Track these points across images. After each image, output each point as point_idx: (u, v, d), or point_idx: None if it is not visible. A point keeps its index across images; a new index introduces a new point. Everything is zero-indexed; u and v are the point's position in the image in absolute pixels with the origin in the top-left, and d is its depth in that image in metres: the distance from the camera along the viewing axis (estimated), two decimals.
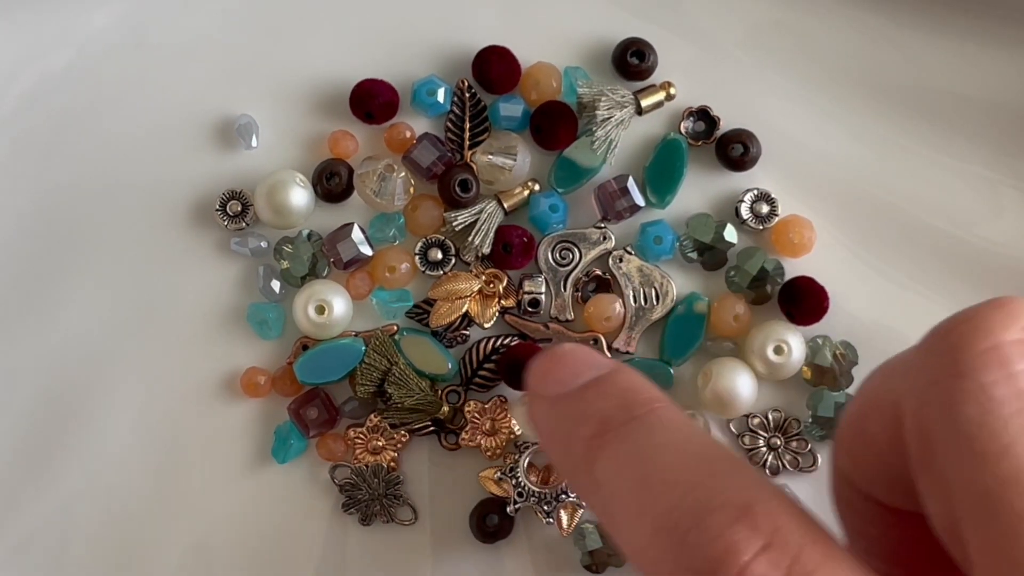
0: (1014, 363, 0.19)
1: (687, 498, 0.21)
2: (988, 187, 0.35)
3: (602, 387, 0.25)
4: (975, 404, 0.19)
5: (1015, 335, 0.19)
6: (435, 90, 0.35)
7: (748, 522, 0.20)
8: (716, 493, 0.21)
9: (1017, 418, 0.19)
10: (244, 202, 0.35)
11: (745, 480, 0.21)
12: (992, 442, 0.18)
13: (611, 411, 0.24)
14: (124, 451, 0.35)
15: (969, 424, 0.19)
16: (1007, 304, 0.20)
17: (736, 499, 0.20)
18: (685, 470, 0.22)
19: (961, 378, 0.19)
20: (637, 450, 0.23)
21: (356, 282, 0.35)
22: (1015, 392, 0.19)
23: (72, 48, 0.35)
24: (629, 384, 0.24)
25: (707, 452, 0.22)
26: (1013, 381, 0.19)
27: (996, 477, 0.18)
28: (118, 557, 0.35)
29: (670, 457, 0.22)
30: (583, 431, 0.24)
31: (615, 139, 0.34)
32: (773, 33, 0.36)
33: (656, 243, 0.34)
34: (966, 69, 0.35)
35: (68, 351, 0.35)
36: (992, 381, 0.19)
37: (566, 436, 0.25)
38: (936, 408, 0.19)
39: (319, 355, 0.34)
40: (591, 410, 0.24)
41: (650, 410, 0.24)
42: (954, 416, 0.19)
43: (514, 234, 0.34)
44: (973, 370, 0.19)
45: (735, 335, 0.35)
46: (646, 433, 0.23)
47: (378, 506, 0.35)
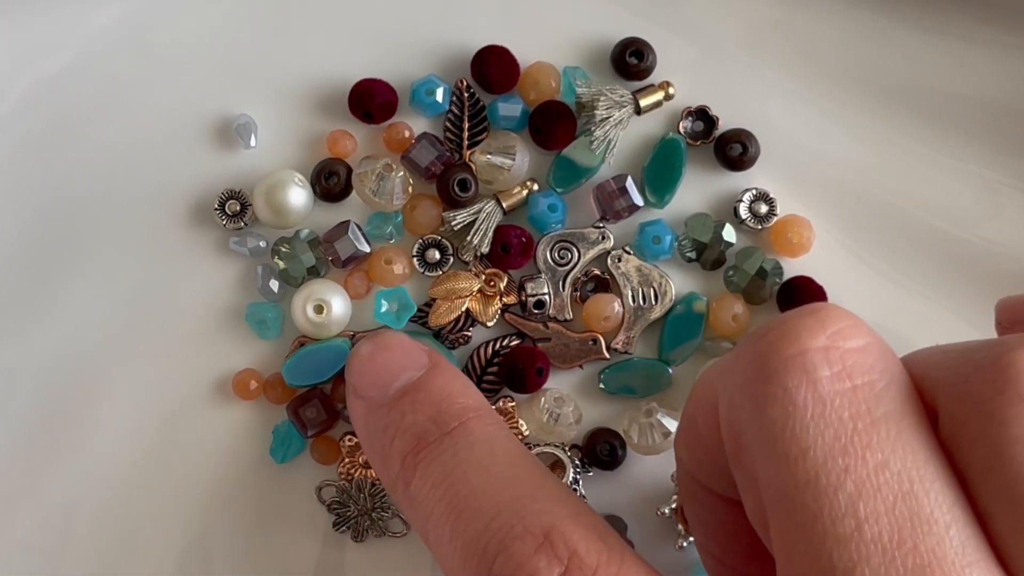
0: (818, 369, 0.20)
1: (492, 525, 0.22)
2: (988, 187, 0.35)
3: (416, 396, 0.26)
4: (778, 407, 0.19)
5: (821, 342, 0.20)
6: (434, 90, 0.35)
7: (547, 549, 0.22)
8: (518, 519, 0.22)
9: (816, 422, 0.19)
10: (243, 202, 0.35)
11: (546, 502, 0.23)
12: (792, 445, 0.19)
13: (424, 425, 0.26)
14: (123, 451, 0.35)
15: (772, 426, 0.19)
16: (818, 311, 0.21)
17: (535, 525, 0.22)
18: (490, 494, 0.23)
19: (767, 382, 0.20)
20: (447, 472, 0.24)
21: (355, 282, 0.35)
22: (816, 397, 0.19)
23: (71, 48, 0.35)
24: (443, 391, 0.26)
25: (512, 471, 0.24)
26: (815, 386, 0.19)
27: (794, 478, 0.19)
28: (117, 556, 0.35)
29: (477, 480, 0.24)
30: (398, 447, 0.26)
31: (614, 139, 0.34)
32: (773, 33, 0.36)
33: (655, 243, 0.34)
34: (966, 69, 0.35)
35: (67, 350, 0.35)
36: (795, 385, 0.20)
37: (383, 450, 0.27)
38: (744, 409, 0.20)
39: (307, 357, 0.34)
40: (405, 423, 0.26)
41: (461, 424, 0.25)
42: (759, 417, 0.20)
43: (512, 234, 0.34)
44: (778, 374, 0.20)
45: (734, 335, 0.35)
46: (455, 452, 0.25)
47: (368, 521, 0.35)
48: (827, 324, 0.20)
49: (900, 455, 0.19)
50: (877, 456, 0.19)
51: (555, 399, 0.34)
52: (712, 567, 0.27)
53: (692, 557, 0.34)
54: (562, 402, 0.34)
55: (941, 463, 0.19)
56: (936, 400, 0.20)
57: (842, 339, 0.20)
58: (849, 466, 0.19)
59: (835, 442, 0.19)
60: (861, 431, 0.19)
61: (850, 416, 0.19)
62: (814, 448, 0.19)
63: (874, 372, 0.20)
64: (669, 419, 0.34)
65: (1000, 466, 0.19)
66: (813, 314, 0.21)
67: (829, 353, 0.20)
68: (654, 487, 0.35)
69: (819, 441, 0.19)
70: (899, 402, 0.20)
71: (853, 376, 0.20)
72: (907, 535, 0.18)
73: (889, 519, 0.18)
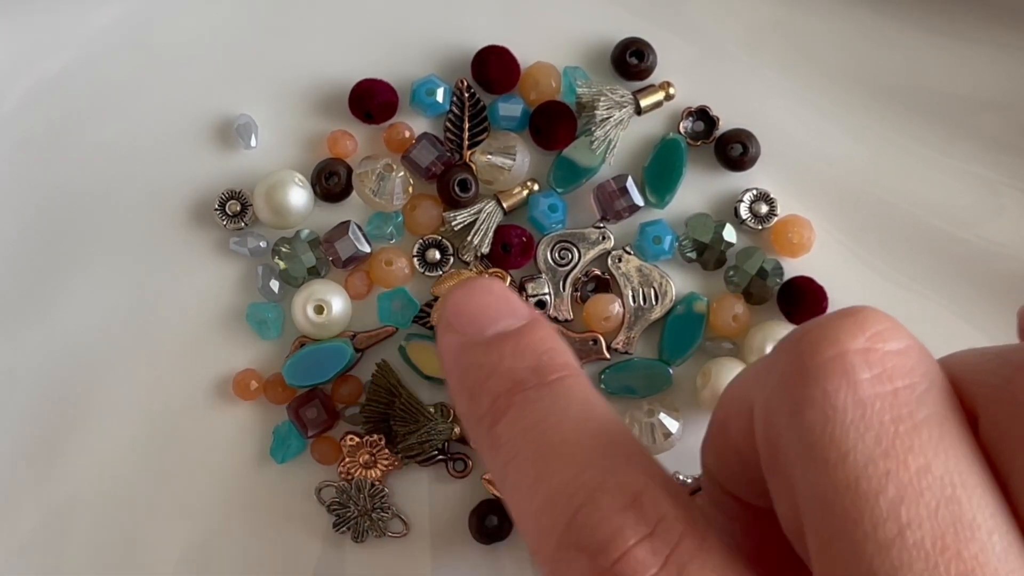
0: (858, 372, 0.19)
1: (582, 476, 0.22)
2: (988, 187, 0.35)
3: (518, 343, 0.25)
4: (817, 411, 0.19)
5: (861, 344, 0.20)
6: (434, 90, 0.35)
7: (636, 509, 0.21)
8: (610, 475, 0.22)
9: (857, 426, 0.19)
10: (243, 202, 0.35)
11: (639, 466, 0.22)
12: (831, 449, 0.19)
13: (523, 372, 0.25)
14: (124, 451, 0.35)
15: (811, 430, 0.19)
16: (856, 313, 0.20)
17: (628, 484, 0.21)
18: (584, 447, 0.23)
19: (806, 385, 0.19)
20: (542, 418, 0.24)
21: (355, 282, 0.35)
22: (856, 400, 0.19)
23: (71, 49, 0.35)
24: (544, 345, 0.25)
25: (608, 432, 0.23)
26: (856, 389, 0.19)
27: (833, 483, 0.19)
28: (117, 557, 0.35)
29: (572, 431, 0.23)
30: (492, 386, 0.25)
31: (614, 139, 0.34)
32: (773, 33, 0.35)
33: (655, 243, 0.34)
34: (966, 69, 0.35)
35: (68, 351, 0.35)
36: (835, 388, 0.19)
37: (474, 386, 0.25)
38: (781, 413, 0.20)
39: (307, 357, 0.34)
40: (503, 367, 0.25)
41: (561, 377, 0.24)
42: (797, 421, 0.19)
43: (513, 234, 0.34)
44: (817, 377, 0.19)
45: (734, 335, 0.35)
46: (553, 402, 0.24)
47: (367, 521, 0.35)
48: (866, 326, 0.20)
49: (943, 459, 0.19)
50: (919, 460, 0.19)
51: None
52: None
53: None
54: None
55: (983, 467, 0.19)
56: (976, 403, 0.20)
57: (882, 341, 0.20)
58: (891, 470, 0.18)
59: (876, 446, 0.19)
60: (903, 435, 0.19)
61: (891, 419, 0.19)
62: (854, 452, 0.19)
63: (915, 375, 0.20)
64: (670, 419, 0.34)
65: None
66: (852, 316, 0.20)
67: (869, 355, 0.20)
68: None
69: (860, 445, 0.19)
70: (940, 406, 0.19)
71: (894, 379, 0.19)
72: (950, 541, 0.18)
73: (932, 524, 0.18)
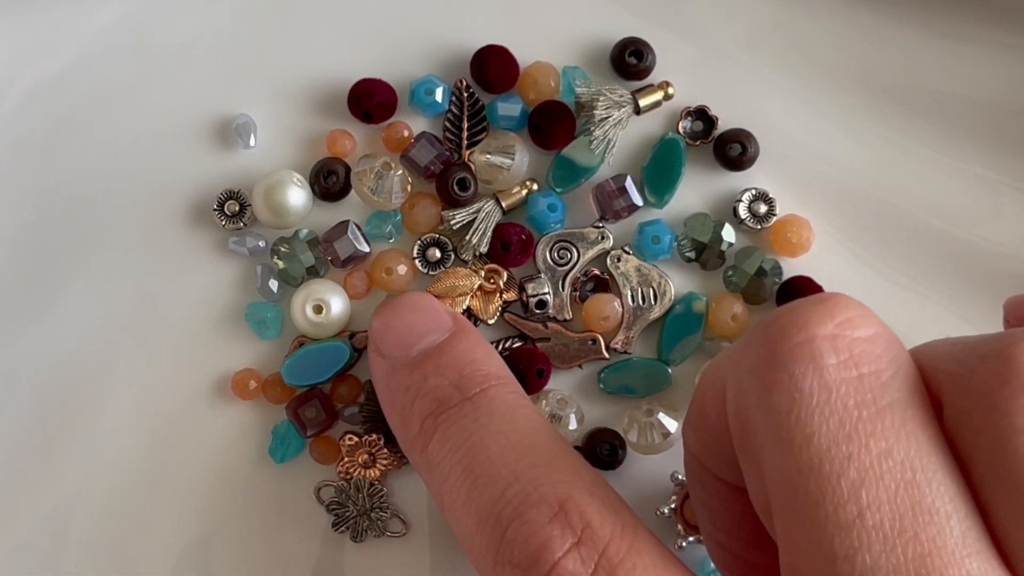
0: (825, 357, 0.20)
1: (508, 492, 0.22)
2: (988, 187, 0.35)
3: (440, 360, 0.26)
4: (784, 393, 0.20)
5: (829, 330, 0.20)
6: (433, 89, 0.35)
7: (561, 519, 0.22)
8: (534, 488, 0.22)
9: (821, 409, 0.19)
10: (242, 202, 0.35)
11: (563, 473, 0.23)
12: (797, 431, 0.19)
13: (446, 389, 0.26)
14: (123, 450, 0.35)
15: (778, 412, 0.20)
16: (827, 300, 0.21)
17: (551, 495, 0.22)
18: (508, 462, 0.23)
19: (774, 368, 0.20)
20: (465, 437, 0.24)
21: (354, 281, 0.35)
22: (822, 384, 0.19)
23: (71, 49, 0.35)
24: (466, 357, 0.26)
25: (531, 441, 0.24)
26: (822, 374, 0.20)
27: (797, 464, 0.19)
28: (117, 556, 0.35)
29: (495, 447, 0.24)
30: (419, 408, 0.26)
31: (613, 139, 0.34)
32: (772, 33, 0.36)
33: (654, 243, 0.34)
34: (966, 69, 0.35)
35: (67, 351, 0.35)
36: (802, 372, 0.20)
37: (403, 410, 0.26)
38: (751, 394, 0.20)
39: (305, 357, 0.34)
40: (427, 386, 0.26)
41: (483, 390, 0.25)
42: (765, 403, 0.20)
43: (512, 232, 0.34)
44: (785, 361, 0.20)
45: (733, 335, 0.35)
46: (475, 419, 0.25)
47: (366, 521, 0.35)
48: (836, 313, 0.20)
49: (904, 444, 0.19)
50: (881, 444, 0.19)
51: (558, 400, 0.34)
52: (717, 554, 0.27)
53: (692, 556, 0.34)
54: (565, 404, 0.34)
55: (944, 453, 0.19)
56: (941, 391, 0.20)
57: (850, 328, 0.20)
58: (852, 453, 0.19)
59: (839, 429, 0.19)
60: (866, 419, 0.19)
61: (855, 404, 0.19)
62: (818, 435, 0.19)
63: (881, 361, 0.20)
64: (669, 419, 0.34)
65: (1003, 457, 0.19)
66: (822, 302, 0.21)
67: (837, 341, 0.20)
68: (654, 487, 0.35)
69: (823, 428, 0.19)
70: (905, 392, 0.20)
71: (860, 365, 0.20)
72: (908, 524, 0.18)
73: (891, 507, 0.18)
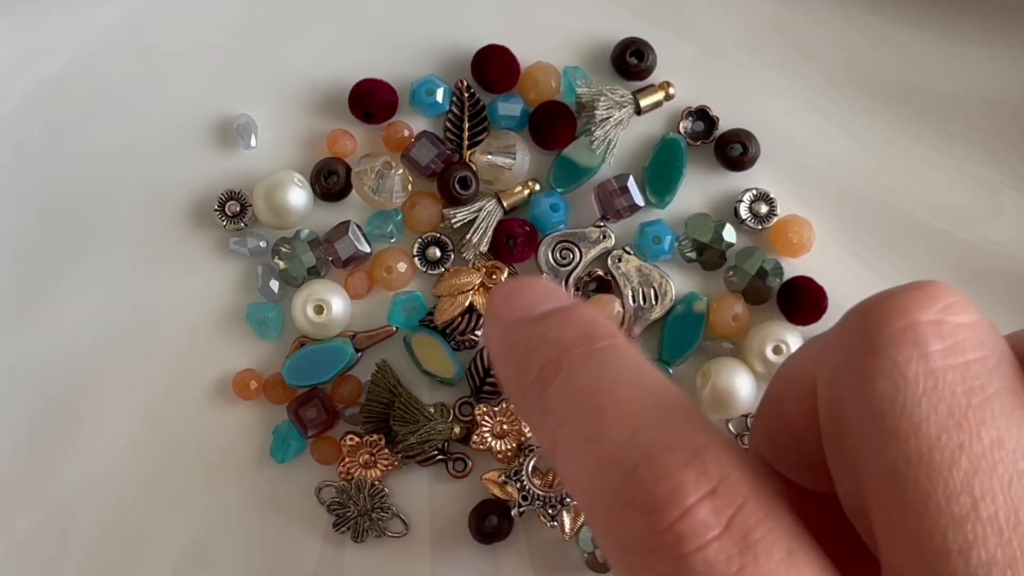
0: (929, 343, 0.19)
1: (639, 434, 0.21)
2: (988, 187, 0.35)
3: (564, 315, 0.24)
4: (888, 381, 0.19)
5: (932, 316, 0.19)
6: (434, 90, 0.35)
7: (698, 466, 0.20)
8: (669, 433, 0.21)
9: (929, 397, 0.19)
10: (243, 202, 0.35)
11: (699, 425, 0.21)
12: (902, 420, 0.19)
13: (571, 340, 0.23)
14: (124, 451, 0.35)
15: (881, 401, 0.19)
16: (926, 287, 0.20)
17: (689, 442, 0.20)
18: (641, 406, 0.21)
19: (875, 355, 0.19)
20: (594, 379, 0.22)
21: (354, 282, 0.35)
22: (928, 371, 0.19)
23: (71, 48, 0.35)
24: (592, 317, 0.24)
25: (664, 393, 0.22)
26: (927, 360, 0.19)
27: (905, 455, 0.18)
28: (117, 557, 0.35)
29: (627, 391, 0.22)
30: (540, 354, 0.24)
31: (614, 139, 0.34)
32: (773, 33, 0.35)
33: (655, 243, 0.34)
34: (966, 69, 0.35)
35: (68, 351, 0.35)
36: (906, 359, 0.19)
37: (521, 358, 0.24)
38: (849, 384, 0.20)
39: (306, 357, 0.34)
40: (550, 335, 0.24)
41: (611, 344, 0.23)
42: (866, 392, 0.19)
43: (516, 226, 0.34)
44: (887, 348, 0.19)
45: (734, 335, 0.35)
46: (603, 365, 0.23)
47: (367, 521, 0.35)
48: (937, 298, 0.20)
49: (1015, 432, 0.18)
50: (992, 433, 0.18)
51: None
52: None
53: None
54: None
55: None
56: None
57: (952, 314, 0.19)
58: (964, 443, 0.18)
59: (949, 418, 0.18)
60: (975, 407, 0.19)
61: (963, 391, 0.19)
62: (927, 423, 0.18)
63: (985, 348, 0.19)
64: None
65: None
66: (921, 288, 0.20)
67: (940, 327, 0.19)
68: None
69: (932, 416, 0.18)
70: (1010, 379, 0.19)
71: (965, 351, 0.19)
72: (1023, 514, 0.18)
73: (1005, 499, 0.18)
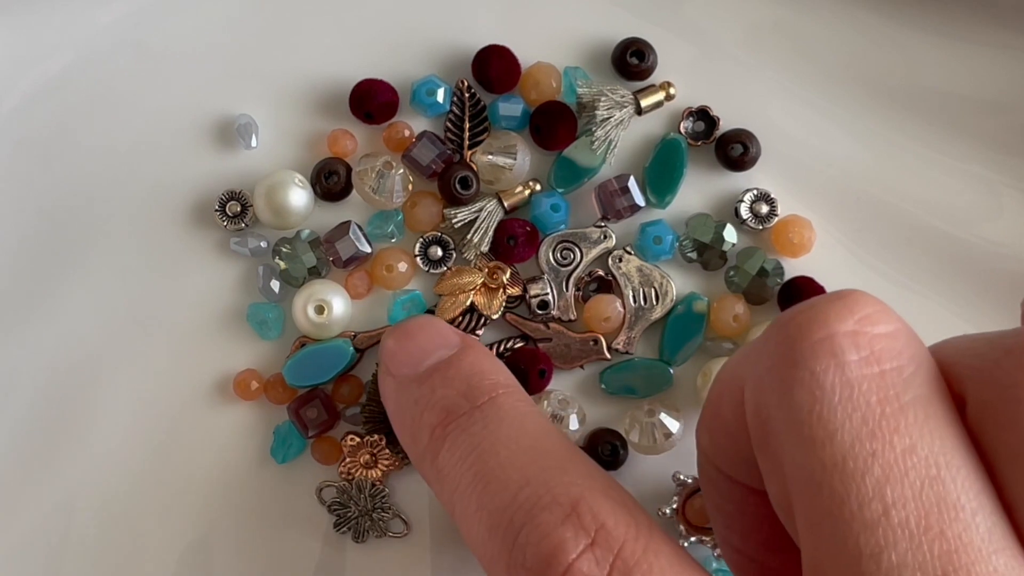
0: (846, 353, 0.20)
1: (519, 496, 0.22)
2: (988, 187, 0.35)
3: (447, 372, 0.26)
4: (806, 391, 0.19)
5: (850, 327, 0.20)
6: (434, 90, 0.35)
7: (575, 520, 0.21)
8: (546, 491, 0.22)
9: (844, 406, 0.19)
10: (243, 202, 0.35)
11: (575, 475, 0.23)
12: (819, 428, 0.19)
13: (454, 399, 0.25)
14: (124, 451, 0.35)
15: (799, 410, 0.19)
16: (846, 297, 0.21)
17: (563, 497, 0.22)
18: (519, 466, 0.23)
19: (795, 366, 0.20)
20: (475, 444, 0.24)
21: (355, 281, 0.35)
22: (844, 381, 0.19)
23: (71, 49, 0.35)
24: (473, 368, 0.26)
25: (542, 445, 0.24)
26: (843, 370, 0.19)
27: (821, 461, 0.19)
28: (117, 556, 0.35)
29: (505, 452, 0.24)
30: (428, 420, 0.26)
31: (615, 139, 0.34)
32: (773, 33, 0.36)
33: (655, 243, 0.34)
34: (966, 69, 0.35)
35: (68, 351, 0.35)
36: (823, 369, 0.19)
37: (412, 423, 0.26)
38: (772, 393, 0.20)
39: (307, 357, 0.34)
40: (435, 397, 0.26)
41: (491, 399, 0.25)
42: (786, 402, 0.20)
43: (516, 226, 0.34)
44: (806, 359, 0.20)
45: (735, 335, 0.35)
46: (484, 425, 0.24)
47: (368, 521, 0.34)
48: (855, 309, 0.20)
49: (928, 440, 0.19)
50: (905, 441, 0.19)
51: (559, 401, 0.34)
52: (732, 558, 0.27)
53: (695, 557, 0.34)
54: (567, 404, 0.34)
55: (968, 449, 0.19)
56: (964, 386, 0.20)
57: (870, 324, 0.20)
58: (877, 450, 0.19)
59: (863, 426, 0.19)
60: (889, 415, 0.19)
61: (878, 400, 0.19)
62: (841, 432, 0.19)
63: (902, 358, 0.20)
64: (670, 419, 0.34)
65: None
66: (841, 299, 0.20)
67: (857, 338, 0.20)
68: (655, 487, 0.35)
69: (847, 425, 0.19)
70: (927, 388, 0.20)
71: (881, 361, 0.20)
72: (934, 521, 0.18)
73: (916, 504, 0.18)
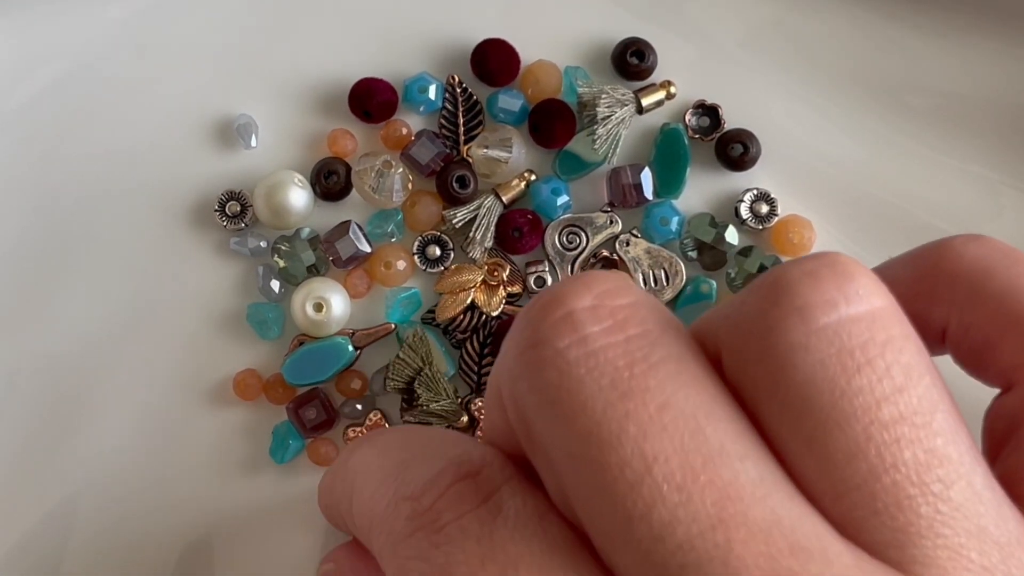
0: (586, 327, 0.19)
1: None
2: (988, 187, 0.35)
3: None
4: (552, 369, 0.19)
5: (588, 302, 0.20)
6: (426, 87, 0.35)
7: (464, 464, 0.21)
8: None
9: (591, 374, 0.19)
10: (243, 202, 0.35)
11: None
12: (570, 402, 0.19)
13: None
14: (124, 451, 0.35)
15: (548, 389, 0.19)
16: (583, 277, 0.20)
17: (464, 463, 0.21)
18: None
19: (538, 347, 0.19)
20: None
21: (354, 280, 0.35)
22: (588, 352, 0.19)
23: (72, 49, 0.35)
24: None
25: None
26: (585, 343, 0.19)
27: (577, 435, 0.19)
28: (117, 557, 0.34)
29: None
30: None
31: (617, 137, 0.34)
32: (773, 33, 0.36)
33: (662, 224, 0.34)
34: (966, 69, 0.35)
35: (68, 351, 0.35)
36: (566, 345, 0.19)
37: None
38: (521, 381, 0.20)
39: (306, 356, 0.34)
40: None
41: None
42: (536, 384, 0.19)
43: (519, 216, 0.34)
44: (549, 338, 0.19)
45: None
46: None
47: None
48: (593, 286, 0.20)
49: (683, 394, 0.19)
50: (658, 398, 0.18)
51: None
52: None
53: None
54: None
55: (729, 400, 0.19)
56: (718, 340, 0.20)
57: (610, 298, 0.20)
58: (630, 410, 0.18)
59: (612, 390, 0.18)
60: (639, 375, 0.19)
61: (626, 364, 0.19)
62: (592, 401, 0.18)
63: (647, 323, 0.19)
64: None
65: (781, 378, 0.18)
66: (579, 279, 0.20)
67: (598, 311, 0.19)
68: None
69: (597, 393, 0.19)
70: (677, 347, 0.19)
71: (626, 328, 0.19)
72: (699, 470, 0.18)
73: (680, 458, 0.18)
